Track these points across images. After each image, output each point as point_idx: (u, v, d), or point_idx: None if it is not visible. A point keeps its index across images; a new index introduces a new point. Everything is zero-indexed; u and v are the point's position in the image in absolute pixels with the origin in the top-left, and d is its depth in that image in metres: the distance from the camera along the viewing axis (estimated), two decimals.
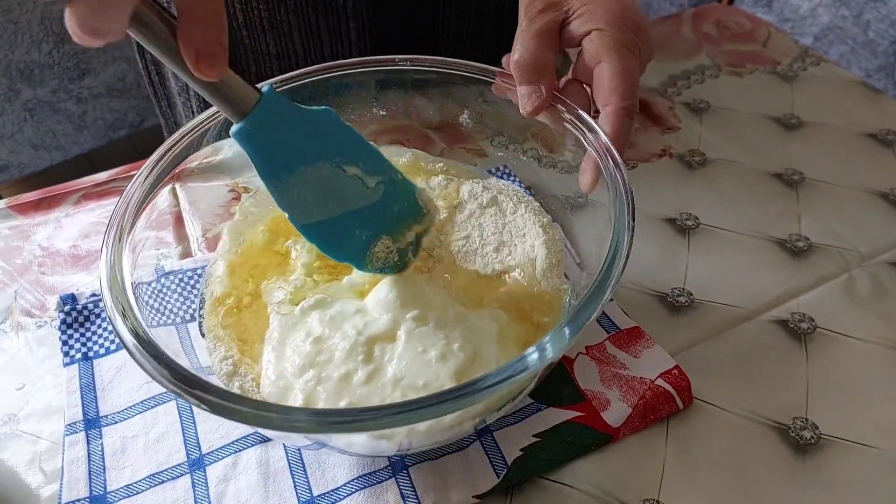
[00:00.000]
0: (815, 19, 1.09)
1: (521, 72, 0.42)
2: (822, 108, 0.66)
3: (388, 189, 0.39)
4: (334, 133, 0.37)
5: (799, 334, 0.48)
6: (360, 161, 0.37)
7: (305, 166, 0.36)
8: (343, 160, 0.37)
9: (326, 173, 0.37)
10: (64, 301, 0.50)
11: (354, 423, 0.29)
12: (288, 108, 0.34)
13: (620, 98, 0.39)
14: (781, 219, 0.56)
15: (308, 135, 0.35)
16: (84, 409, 0.45)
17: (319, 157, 0.36)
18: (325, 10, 0.60)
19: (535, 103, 0.41)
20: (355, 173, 0.37)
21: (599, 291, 0.33)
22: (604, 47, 0.40)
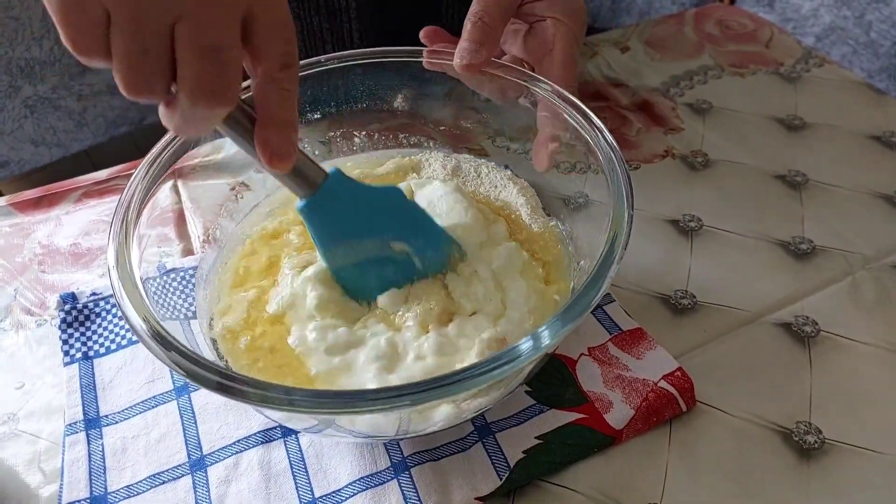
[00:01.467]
0: (816, 20, 1.09)
1: (475, 29, 0.44)
2: (825, 109, 0.66)
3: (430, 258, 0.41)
4: (393, 211, 0.40)
5: (802, 337, 0.47)
6: (411, 238, 0.40)
7: (357, 240, 0.40)
8: (393, 237, 0.40)
9: (374, 247, 0.40)
10: (64, 300, 0.50)
11: (352, 404, 0.30)
12: (352, 187, 0.38)
13: (567, 85, 0.44)
14: (785, 221, 0.56)
15: (366, 212, 0.39)
16: (84, 408, 0.44)
17: (371, 233, 0.40)
18: (328, 13, 0.60)
19: (472, 59, 0.44)
20: (402, 249, 0.40)
21: (598, 277, 0.34)
22: (559, 35, 0.45)
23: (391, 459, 0.41)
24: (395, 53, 0.50)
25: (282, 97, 0.31)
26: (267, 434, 0.43)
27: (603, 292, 0.33)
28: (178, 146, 0.44)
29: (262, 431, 0.43)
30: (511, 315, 0.41)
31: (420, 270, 0.41)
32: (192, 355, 0.32)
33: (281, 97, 0.31)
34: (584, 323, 0.48)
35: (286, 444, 0.42)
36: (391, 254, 0.40)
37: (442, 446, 0.41)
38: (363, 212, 0.39)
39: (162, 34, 0.27)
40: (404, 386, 0.30)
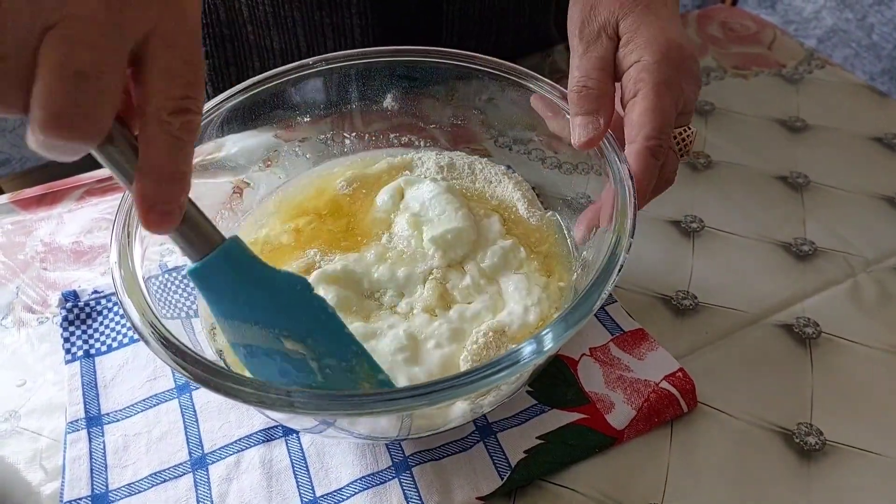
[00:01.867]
0: (818, 22, 1.09)
1: (583, 100, 0.39)
2: (827, 111, 0.66)
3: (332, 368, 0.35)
4: (293, 304, 0.34)
5: (804, 339, 0.48)
6: (308, 340, 0.34)
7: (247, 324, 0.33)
8: (286, 333, 0.33)
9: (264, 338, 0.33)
10: (66, 298, 0.50)
11: (353, 405, 0.30)
12: (246, 263, 0.32)
13: (646, 137, 0.38)
14: (786, 222, 0.56)
15: (259, 296, 0.33)
16: (86, 406, 0.44)
17: (261, 322, 0.33)
18: (330, 7, 0.60)
19: (590, 135, 0.39)
20: (297, 350, 0.34)
21: (601, 281, 0.33)
22: (640, 82, 0.39)
23: (392, 459, 0.41)
24: (398, 53, 0.50)
25: (169, 145, 0.26)
26: (268, 433, 0.43)
27: (605, 296, 0.33)
28: None
29: (263, 430, 0.43)
30: (513, 308, 0.41)
31: (317, 380, 0.34)
32: (192, 354, 0.32)
33: (168, 145, 0.26)
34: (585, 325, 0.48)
35: (287, 442, 0.42)
36: (284, 351, 0.34)
37: (443, 446, 0.41)
38: (257, 294, 0.33)
39: (25, 40, 0.22)
40: (403, 389, 0.30)
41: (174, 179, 0.27)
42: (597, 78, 0.40)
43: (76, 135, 0.23)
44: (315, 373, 0.34)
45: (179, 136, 0.26)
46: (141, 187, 0.26)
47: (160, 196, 0.27)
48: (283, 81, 0.49)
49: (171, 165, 0.27)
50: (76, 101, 0.23)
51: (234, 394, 0.30)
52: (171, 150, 0.26)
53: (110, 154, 0.27)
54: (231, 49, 0.65)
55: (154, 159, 0.26)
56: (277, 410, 0.30)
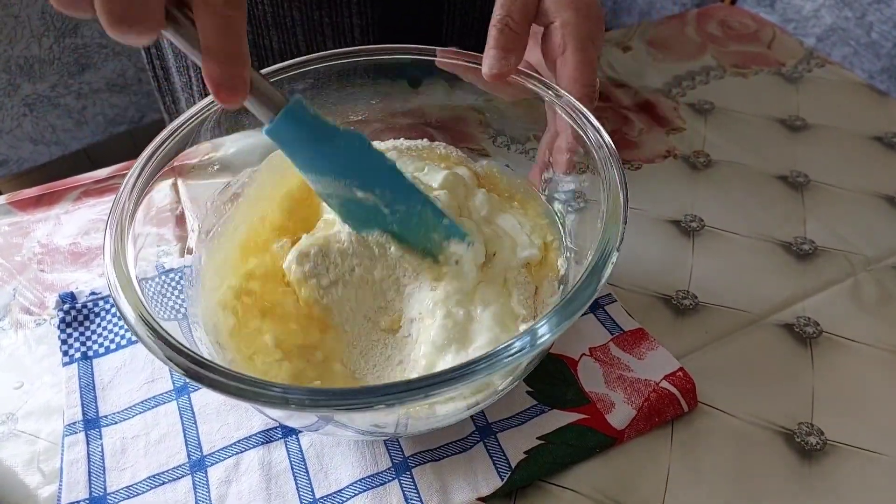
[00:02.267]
0: (818, 20, 1.09)
1: (501, 36, 0.42)
2: (827, 110, 0.66)
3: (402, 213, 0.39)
4: (356, 157, 0.38)
5: (804, 339, 0.47)
6: (377, 188, 0.38)
7: (323, 176, 0.38)
8: (356, 184, 0.38)
9: (340, 188, 0.38)
10: (63, 300, 0.49)
11: (348, 402, 0.30)
12: (310, 120, 0.36)
13: (583, 86, 0.42)
14: (786, 222, 0.55)
15: (326, 150, 0.37)
16: (84, 409, 0.44)
17: (332, 173, 0.38)
18: (329, 7, 0.59)
19: (501, 69, 0.42)
20: (367, 197, 0.38)
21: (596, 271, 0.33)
22: (569, 36, 0.42)
23: (392, 460, 0.41)
24: (397, 51, 0.49)
25: (218, 24, 0.29)
26: (267, 434, 0.42)
27: (601, 288, 0.33)
28: (174, 144, 0.44)
29: (262, 432, 0.43)
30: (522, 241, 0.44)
31: (391, 225, 0.39)
32: (187, 350, 0.32)
33: (217, 24, 0.29)
34: (585, 323, 0.48)
35: (287, 444, 0.42)
36: (358, 199, 0.38)
37: (443, 446, 0.41)
38: (322, 149, 0.37)
39: None
40: (399, 383, 0.30)
41: (231, 56, 0.30)
42: (518, 20, 0.42)
43: (135, 28, 0.27)
44: (387, 217, 0.39)
45: (225, 13, 0.29)
46: (206, 69, 0.30)
47: (224, 73, 0.30)
48: (280, 79, 0.49)
49: (225, 44, 0.29)
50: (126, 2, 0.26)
51: (230, 391, 0.30)
52: (221, 29, 0.29)
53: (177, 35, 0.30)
54: None
55: (209, 40, 0.29)
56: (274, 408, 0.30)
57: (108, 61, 1.17)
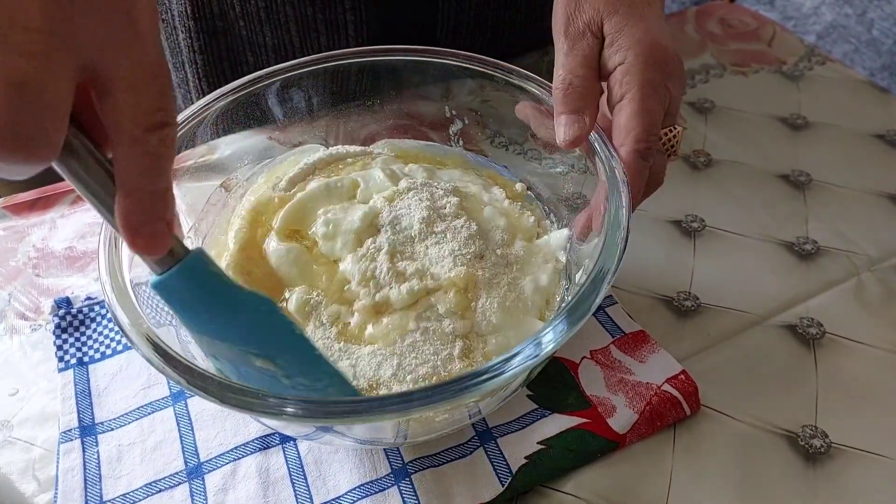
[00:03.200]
0: (818, 17, 1.08)
1: (568, 99, 0.39)
2: (828, 108, 0.65)
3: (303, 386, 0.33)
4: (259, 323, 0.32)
5: (807, 340, 0.47)
6: (279, 358, 0.32)
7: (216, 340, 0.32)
8: (255, 352, 0.32)
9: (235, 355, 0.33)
10: (58, 305, 0.49)
11: (347, 413, 0.29)
12: (211, 278, 0.30)
13: (635, 140, 0.38)
14: (788, 221, 0.55)
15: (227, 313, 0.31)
16: (79, 415, 0.44)
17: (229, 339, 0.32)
18: (323, 4, 0.59)
19: (576, 133, 0.39)
20: (268, 368, 0.32)
21: (598, 280, 0.33)
22: (626, 84, 0.38)
23: (391, 466, 0.40)
24: (392, 52, 0.49)
25: (149, 164, 0.25)
26: (265, 441, 0.42)
27: (602, 296, 0.33)
28: None
29: (259, 438, 0.42)
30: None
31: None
32: (182, 360, 0.31)
33: (147, 164, 0.25)
34: (585, 325, 0.47)
35: (284, 450, 0.42)
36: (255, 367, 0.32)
37: (443, 452, 0.41)
38: (220, 312, 0.31)
39: None
40: (393, 396, 0.30)
41: (157, 198, 0.25)
42: (582, 76, 0.40)
43: (22, 150, 0.22)
44: (286, 388, 0.33)
45: (158, 153, 0.25)
46: (123, 211, 0.25)
47: (146, 217, 0.25)
48: (275, 81, 0.48)
49: (154, 185, 0.25)
50: (18, 114, 0.21)
51: (228, 402, 0.30)
52: (151, 169, 0.25)
53: (75, 170, 0.25)
54: (224, 44, 0.64)
55: (134, 181, 0.25)
56: (271, 419, 0.30)
57: None
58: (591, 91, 0.40)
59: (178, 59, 0.66)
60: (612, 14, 0.40)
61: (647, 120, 0.38)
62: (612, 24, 0.40)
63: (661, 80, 0.39)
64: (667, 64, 0.40)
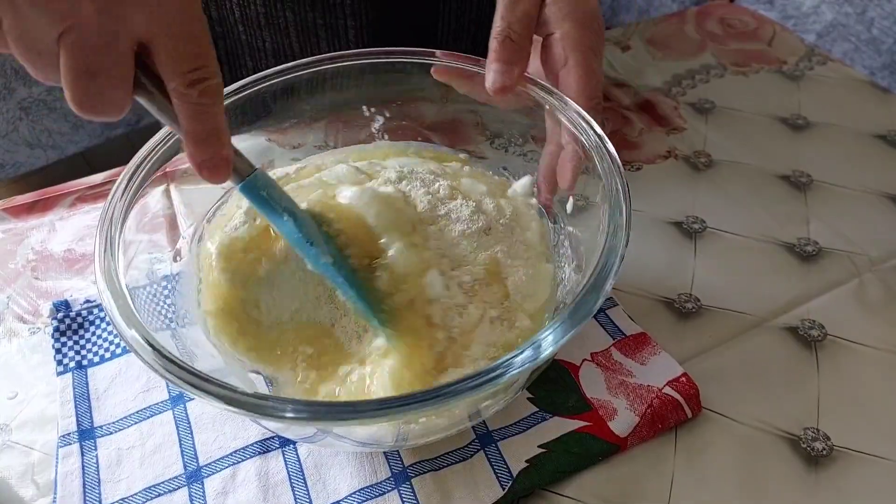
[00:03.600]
0: (818, 16, 1.08)
1: (503, 48, 0.41)
2: (829, 108, 0.65)
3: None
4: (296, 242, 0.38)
5: (809, 342, 0.47)
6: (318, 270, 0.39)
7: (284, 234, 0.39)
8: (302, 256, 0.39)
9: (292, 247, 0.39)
10: (57, 308, 0.49)
11: (347, 415, 0.29)
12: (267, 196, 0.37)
13: (588, 98, 0.41)
14: (789, 222, 0.55)
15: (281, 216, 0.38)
16: (78, 419, 0.44)
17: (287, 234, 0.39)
18: (323, 8, 0.59)
19: (505, 82, 0.41)
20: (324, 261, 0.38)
21: (599, 282, 0.33)
22: (570, 49, 0.41)
23: (391, 469, 0.40)
24: (394, 54, 0.49)
25: (194, 112, 0.31)
26: (264, 444, 0.42)
27: (605, 296, 0.32)
28: (166, 150, 0.43)
29: (259, 442, 0.42)
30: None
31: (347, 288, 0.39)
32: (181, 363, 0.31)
33: (193, 112, 0.31)
34: (586, 327, 0.47)
35: (284, 454, 0.41)
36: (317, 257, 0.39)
37: (443, 455, 0.41)
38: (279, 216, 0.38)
39: (48, 44, 0.28)
40: (393, 399, 0.29)
41: (210, 139, 0.32)
42: (519, 31, 0.41)
43: (99, 114, 0.30)
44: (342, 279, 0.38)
45: (200, 102, 0.31)
46: (187, 150, 0.32)
47: (206, 154, 0.32)
48: (275, 83, 0.48)
49: (202, 128, 0.31)
50: (90, 92, 0.28)
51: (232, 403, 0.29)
52: (197, 116, 0.31)
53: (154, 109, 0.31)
54: (223, 48, 0.64)
55: (187, 126, 0.31)
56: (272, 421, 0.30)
57: None
58: (524, 47, 0.42)
59: None
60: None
61: (596, 79, 0.41)
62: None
63: (598, 43, 0.42)
64: (601, 29, 0.43)
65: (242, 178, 0.36)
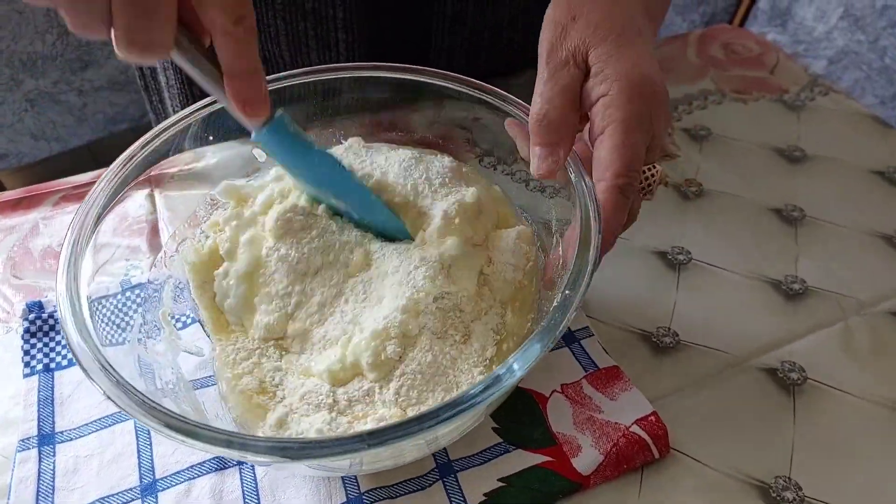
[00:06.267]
0: (829, 42, 1.06)
1: (543, 131, 0.38)
2: (828, 140, 0.64)
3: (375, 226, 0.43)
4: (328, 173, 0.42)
5: (788, 385, 0.45)
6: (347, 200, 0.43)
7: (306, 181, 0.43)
8: (330, 193, 0.43)
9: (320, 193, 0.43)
10: (30, 308, 0.49)
11: (308, 452, 0.28)
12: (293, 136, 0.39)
13: (615, 175, 0.36)
14: (777, 258, 0.53)
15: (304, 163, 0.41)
16: (39, 423, 0.43)
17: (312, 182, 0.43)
18: (314, 19, 0.58)
19: (549, 167, 0.38)
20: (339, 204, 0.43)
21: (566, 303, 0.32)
22: (609, 118, 0.37)
23: (347, 495, 0.40)
24: (381, 69, 0.48)
25: (239, 48, 0.32)
26: (222, 460, 0.41)
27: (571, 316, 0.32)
28: (150, 153, 0.43)
29: (217, 458, 0.41)
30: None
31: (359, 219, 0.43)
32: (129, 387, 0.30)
33: (238, 48, 0.32)
34: (558, 358, 0.46)
35: (241, 472, 0.41)
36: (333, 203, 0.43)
37: (400, 483, 0.40)
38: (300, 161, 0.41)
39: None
40: (353, 435, 0.29)
41: (255, 73, 0.34)
42: (559, 107, 0.38)
43: (145, 50, 0.31)
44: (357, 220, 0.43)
45: (246, 38, 0.32)
46: (233, 88, 0.33)
47: (250, 90, 0.34)
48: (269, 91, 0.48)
49: (248, 62, 0.33)
50: (139, 27, 0.30)
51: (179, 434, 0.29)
52: (243, 50, 0.33)
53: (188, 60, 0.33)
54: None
55: (234, 61, 0.33)
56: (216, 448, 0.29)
57: (110, 59, 1.17)
58: (566, 123, 0.38)
59: (163, 62, 0.66)
60: (598, 44, 0.38)
61: (630, 154, 0.36)
62: (598, 54, 0.38)
63: (646, 113, 0.37)
64: (654, 98, 0.38)
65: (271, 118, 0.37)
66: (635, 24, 0.40)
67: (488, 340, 0.39)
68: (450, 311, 0.39)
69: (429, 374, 0.37)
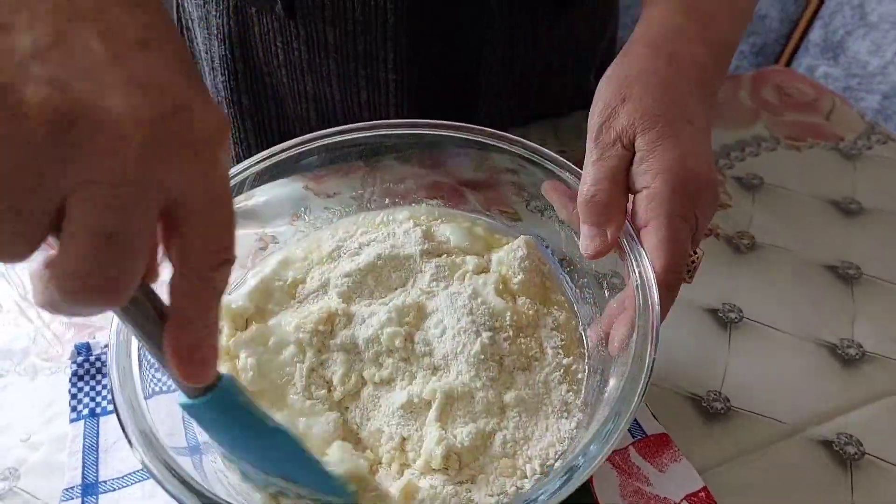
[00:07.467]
0: (884, 77, 1.03)
1: (591, 211, 0.38)
2: (885, 192, 0.62)
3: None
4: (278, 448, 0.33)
5: (844, 460, 0.44)
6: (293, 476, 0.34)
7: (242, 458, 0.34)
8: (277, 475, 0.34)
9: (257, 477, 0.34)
10: (78, 350, 0.49)
11: None
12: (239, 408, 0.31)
13: (662, 271, 0.36)
14: (833, 319, 0.52)
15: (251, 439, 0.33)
16: (84, 471, 0.43)
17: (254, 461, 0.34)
18: (365, 60, 0.59)
19: (597, 247, 0.38)
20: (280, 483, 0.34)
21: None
22: (652, 212, 0.37)
23: None
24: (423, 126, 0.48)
25: (209, 297, 0.25)
26: None
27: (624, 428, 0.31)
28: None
29: None
30: None
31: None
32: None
33: (208, 297, 0.25)
34: None
35: None
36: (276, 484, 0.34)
37: None
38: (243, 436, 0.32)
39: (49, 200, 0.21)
40: None
41: (211, 329, 0.26)
42: (607, 189, 0.38)
43: (100, 298, 0.22)
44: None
45: (220, 288, 0.25)
46: (178, 342, 0.25)
47: (200, 347, 0.26)
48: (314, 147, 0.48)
49: (210, 316, 0.26)
50: (103, 264, 0.21)
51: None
52: (211, 302, 0.25)
53: (134, 315, 0.25)
54: (262, 88, 0.65)
55: (194, 312, 0.25)
56: None
57: None
58: (615, 204, 0.38)
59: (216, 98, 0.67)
60: (647, 130, 0.38)
61: (675, 250, 0.36)
62: (645, 140, 0.38)
63: (689, 209, 0.37)
64: (698, 193, 0.37)
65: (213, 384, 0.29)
66: (687, 111, 0.39)
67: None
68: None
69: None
